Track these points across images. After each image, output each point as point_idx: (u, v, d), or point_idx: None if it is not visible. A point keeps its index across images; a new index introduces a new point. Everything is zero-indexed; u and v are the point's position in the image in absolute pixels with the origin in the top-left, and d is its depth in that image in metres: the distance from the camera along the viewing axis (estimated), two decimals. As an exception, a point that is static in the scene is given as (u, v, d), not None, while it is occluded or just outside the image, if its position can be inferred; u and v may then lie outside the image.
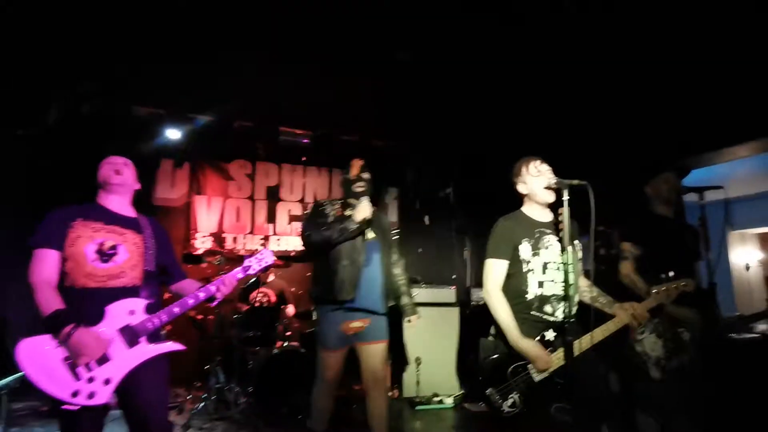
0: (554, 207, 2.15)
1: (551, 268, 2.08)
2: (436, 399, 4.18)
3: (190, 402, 3.83)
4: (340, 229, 2.45)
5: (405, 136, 5.24)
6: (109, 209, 1.84)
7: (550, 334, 2.05)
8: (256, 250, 2.14)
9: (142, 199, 2.06)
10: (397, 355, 4.22)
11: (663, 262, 2.21)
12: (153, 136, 4.64)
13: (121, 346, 1.66)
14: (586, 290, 2.21)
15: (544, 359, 1.93)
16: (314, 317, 2.70)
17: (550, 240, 2.12)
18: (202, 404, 3.60)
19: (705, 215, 2.37)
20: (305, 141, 5.18)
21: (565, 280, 1.91)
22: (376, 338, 2.54)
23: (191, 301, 1.77)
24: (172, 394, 3.95)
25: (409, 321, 2.76)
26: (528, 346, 1.95)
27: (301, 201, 5.58)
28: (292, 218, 5.49)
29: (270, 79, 4.11)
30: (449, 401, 4.17)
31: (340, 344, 2.50)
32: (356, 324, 2.47)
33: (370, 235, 2.59)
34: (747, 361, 3.13)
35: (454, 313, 4.53)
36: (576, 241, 2.18)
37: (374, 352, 2.53)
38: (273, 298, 4.57)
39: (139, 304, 1.73)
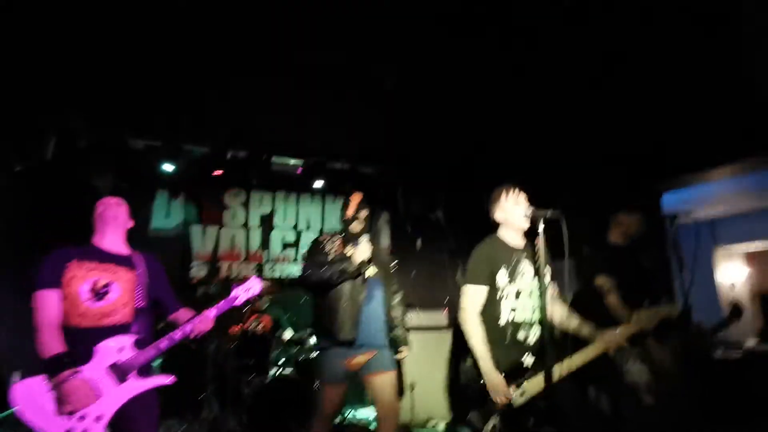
0: (527, 233, 2.24)
1: (524, 294, 2.15)
2: (430, 423, 4.19)
3: (183, 433, 3.83)
4: (340, 271, 2.45)
5: (394, 161, 5.37)
6: (102, 249, 1.92)
7: (528, 359, 2.11)
8: (246, 277, 2.19)
9: (137, 230, 2.14)
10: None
11: (634, 291, 2.29)
12: (148, 168, 4.75)
13: (110, 383, 1.72)
14: (566, 319, 2.26)
15: (500, 391, 1.96)
16: (314, 349, 2.77)
17: (525, 266, 2.20)
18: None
19: (677, 237, 2.45)
20: (298, 170, 5.30)
21: (542, 307, 1.97)
22: (383, 368, 2.50)
23: (177, 335, 1.84)
24: (165, 426, 3.94)
25: (400, 351, 2.75)
26: (489, 376, 1.99)
27: (295, 228, 5.67)
28: (286, 245, 5.57)
29: (261, 108, 4.25)
30: (442, 426, 4.18)
31: (341, 379, 2.48)
32: (360, 359, 2.45)
33: (371, 271, 2.57)
34: (733, 379, 3.17)
35: (447, 336, 4.57)
36: (547, 266, 2.25)
37: (383, 384, 2.47)
38: (268, 325, 4.60)
39: (128, 340, 1.80)
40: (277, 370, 4.06)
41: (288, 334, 4.59)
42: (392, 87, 3.85)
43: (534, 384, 2.00)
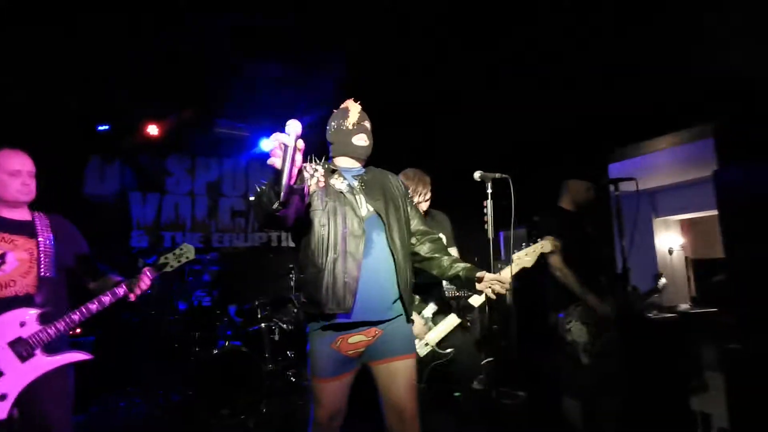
0: (479, 198, 2.20)
1: None
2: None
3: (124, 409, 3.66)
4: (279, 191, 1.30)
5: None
6: None
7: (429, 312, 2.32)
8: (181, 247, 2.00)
9: (69, 195, 1.91)
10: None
11: (579, 254, 2.32)
12: (81, 130, 4.35)
13: (12, 361, 1.54)
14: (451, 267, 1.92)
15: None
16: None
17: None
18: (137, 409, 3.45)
19: (620, 206, 2.50)
20: (247, 134, 5.04)
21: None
22: (396, 353, 1.72)
23: (94, 306, 1.66)
24: (104, 402, 3.76)
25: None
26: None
27: (244, 196, 5.42)
28: (235, 214, 5.33)
29: (211, 71, 3.96)
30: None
31: (337, 369, 1.70)
32: (356, 339, 1.69)
33: (366, 208, 1.77)
34: (666, 340, 3.36)
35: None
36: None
37: (395, 374, 1.71)
38: (215, 297, 4.43)
39: (30, 314, 1.61)
40: (225, 343, 3.93)
41: (235, 305, 4.44)
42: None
43: (434, 335, 2.20)
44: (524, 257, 2.07)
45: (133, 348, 4.00)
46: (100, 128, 4.36)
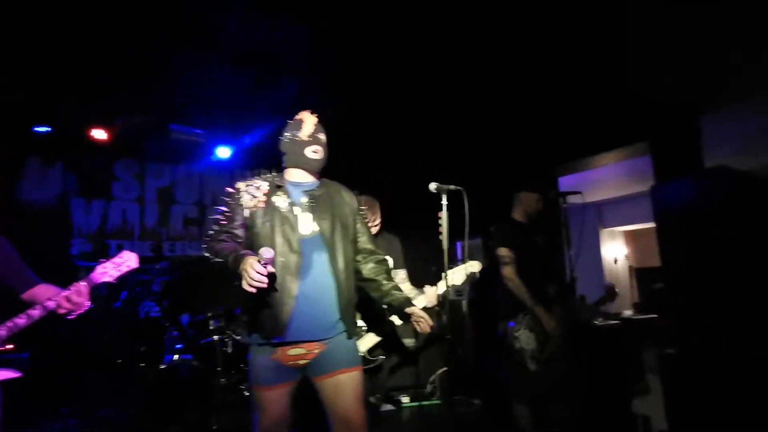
0: (434, 210, 2.24)
1: None
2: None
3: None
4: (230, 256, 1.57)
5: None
6: None
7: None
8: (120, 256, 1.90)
9: (2, 200, 1.77)
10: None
11: (530, 264, 2.40)
12: (17, 129, 4.06)
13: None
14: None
15: None
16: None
17: None
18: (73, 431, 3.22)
19: (568, 218, 2.61)
20: (202, 139, 4.87)
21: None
22: (340, 366, 1.69)
23: (22, 321, 1.54)
24: (37, 425, 3.48)
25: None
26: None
27: (198, 203, 5.24)
28: (188, 222, 5.14)
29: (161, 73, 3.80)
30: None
31: (278, 378, 1.69)
32: (295, 351, 1.67)
33: (310, 226, 1.73)
34: (611, 345, 3.53)
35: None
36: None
37: (341, 387, 1.68)
38: (164, 308, 4.23)
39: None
40: (173, 357, 3.75)
41: (186, 317, 4.26)
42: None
43: (364, 342, 2.34)
44: (452, 275, 2.36)
45: (72, 365, 3.74)
46: (38, 129, 4.08)
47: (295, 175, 1.84)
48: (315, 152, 1.79)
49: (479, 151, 4.69)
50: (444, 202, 2.07)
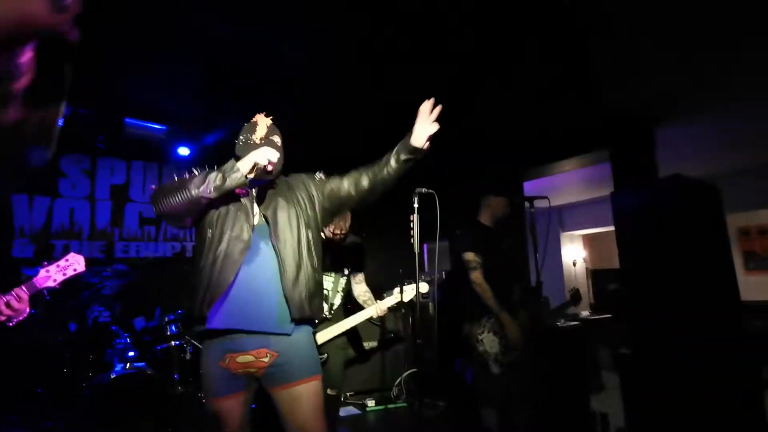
0: (405, 213, 2.22)
1: None
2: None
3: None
4: (212, 184, 1.58)
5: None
6: None
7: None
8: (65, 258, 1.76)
9: None
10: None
11: (495, 268, 2.43)
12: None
13: None
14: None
15: None
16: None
17: None
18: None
19: (534, 222, 2.66)
20: (161, 136, 4.63)
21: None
22: (298, 377, 1.62)
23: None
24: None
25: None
26: None
27: (155, 202, 4.99)
28: (144, 221, 4.88)
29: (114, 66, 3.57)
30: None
31: (230, 388, 1.62)
32: (244, 359, 1.60)
33: (259, 216, 1.72)
34: (570, 345, 3.63)
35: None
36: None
37: (298, 398, 1.61)
38: (116, 314, 3.98)
39: None
40: (125, 366, 3.53)
41: (141, 322, 4.04)
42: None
43: (321, 335, 2.53)
44: (405, 292, 2.57)
45: (13, 375, 3.45)
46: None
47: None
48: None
49: (448, 157, 4.72)
50: (415, 205, 2.07)
